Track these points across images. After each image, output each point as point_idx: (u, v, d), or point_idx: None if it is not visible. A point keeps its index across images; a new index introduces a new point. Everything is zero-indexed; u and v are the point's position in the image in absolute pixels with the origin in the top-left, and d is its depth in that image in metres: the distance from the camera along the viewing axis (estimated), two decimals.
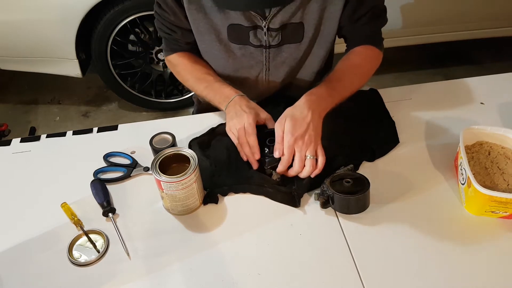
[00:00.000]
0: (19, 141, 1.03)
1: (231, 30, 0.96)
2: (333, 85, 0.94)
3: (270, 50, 0.99)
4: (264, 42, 0.97)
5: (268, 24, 0.94)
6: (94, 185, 0.89)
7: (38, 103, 2.54)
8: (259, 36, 0.96)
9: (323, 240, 0.79)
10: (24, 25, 1.97)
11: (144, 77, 2.28)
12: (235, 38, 0.97)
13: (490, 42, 2.64)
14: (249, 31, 0.95)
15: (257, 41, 0.97)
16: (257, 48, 0.99)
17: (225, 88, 0.97)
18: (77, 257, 0.77)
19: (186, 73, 1.06)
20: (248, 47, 0.99)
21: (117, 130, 1.06)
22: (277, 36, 0.96)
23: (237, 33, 0.96)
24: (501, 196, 0.76)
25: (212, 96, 0.99)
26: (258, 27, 0.95)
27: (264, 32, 0.95)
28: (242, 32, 0.96)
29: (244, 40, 0.97)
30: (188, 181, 0.78)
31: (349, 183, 0.82)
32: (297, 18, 0.94)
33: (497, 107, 1.08)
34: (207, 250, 0.78)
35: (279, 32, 0.96)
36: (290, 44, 0.99)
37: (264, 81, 1.08)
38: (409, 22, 2.23)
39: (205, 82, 1.01)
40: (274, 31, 0.95)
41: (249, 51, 1.00)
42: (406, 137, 1.00)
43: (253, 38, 0.97)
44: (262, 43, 0.98)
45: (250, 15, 0.93)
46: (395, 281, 0.73)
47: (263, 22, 0.93)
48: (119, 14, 1.99)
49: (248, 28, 0.95)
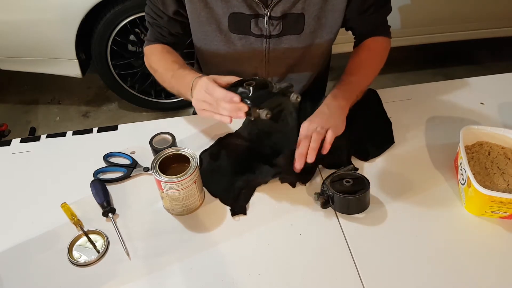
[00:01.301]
0: (19, 141, 1.03)
1: (232, 20, 0.95)
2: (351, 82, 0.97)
3: (270, 41, 0.99)
4: (265, 31, 0.97)
5: (270, 12, 0.94)
6: (94, 185, 0.89)
7: (38, 103, 2.54)
8: (260, 25, 0.96)
9: (323, 240, 0.79)
10: (24, 25, 1.97)
11: (144, 77, 2.27)
12: (236, 28, 0.97)
13: (490, 42, 2.64)
14: (251, 19, 0.95)
15: (258, 30, 0.97)
16: (257, 38, 0.99)
17: (186, 75, 0.89)
18: (77, 257, 0.77)
19: (154, 63, 1.01)
20: (248, 37, 0.99)
21: (117, 130, 1.06)
22: (278, 25, 0.96)
23: (238, 23, 0.96)
24: (501, 196, 0.76)
25: (178, 86, 0.93)
26: (260, 16, 0.95)
27: (266, 20, 0.95)
28: (243, 21, 0.96)
29: (245, 29, 0.97)
30: (188, 181, 0.78)
31: (349, 183, 0.82)
32: (298, 8, 0.94)
33: (497, 107, 1.08)
34: (207, 250, 0.78)
35: (280, 21, 0.96)
36: (290, 36, 0.99)
37: (264, 73, 1.08)
38: (409, 22, 2.23)
39: (171, 71, 0.95)
40: (276, 20, 0.95)
41: (249, 42, 1.00)
42: (406, 137, 1.00)
43: (254, 27, 0.97)
44: (263, 33, 0.98)
45: (252, 3, 0.93)
46: (395, 281, 0.73)
47: (265, 10, 0.93)
48: (119, 14, 1.99)
49: (250, 17, 0.95)
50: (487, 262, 0.75)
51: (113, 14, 1.99)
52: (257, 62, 1.05)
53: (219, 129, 1.03)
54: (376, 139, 0.98)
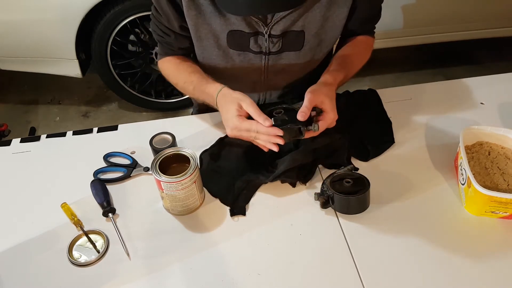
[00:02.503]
0: (19, 141, 1.03)
1: (231, 37, 0.95)
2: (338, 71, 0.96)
3: (269, 57, 0.99)
4: (265, 49, 0.97)
5: (270, 31, 0.93)
6: (94, 185, 0.89)
7: (38, 103, 2.54)
8: (260, 42, 0.96)
9: (323, 240, 0.79)
10: (24, 25, 1.97)
11: (144, 77, 2.28)
12: (235, 44, 0.96)
13: (490, 42, 2.64)
14: (250, 37, 0.95)
15: (258, 47, 0.97)
16: (256, 55, 0.98)
17: (209, 87, 0.93)
18: (77, 257, 0.77)
19: (173, 78, 1.04)
20: (247, 53, 0.98)
21: (117, 130, 1.06)
22: (278, 43, 0.96)
23: (237, 40, 0.95)
24: (501, 197, 0.76)
25: (202, 97, 0.97)
26: (259, 34, 0.94)
27: (265, 38, 0.94)
28: (242, 38, 0.95)
29: (244, 46, 0.97)
30: (188, 181, 0.78)
31: (349, 183, 0.82)
32: (298, 26, 0.93)
33: (497, 107, 1.08)
34: (207, 250, 0.78)
35: (280, 39, 0.95)
36: (289, 52, 0.98)
37: (262, 87, 1.07)
38: (409, 22, 2.23)
39: (191, 84, 0.98)
40: (276, 38, 0.95)
41: (248, 58, 0.99)
42: (406, 137, 1.00)
43: (253, 44, 0.96)
44: (262, 50, 0.97)
45: (251, 21, 0.92)
46: (395, 281, 0.73)
47: (265, 29, 0.92)
48: (119, 14, 1.99)
49: (249, 35, 0.94)
50: (487, 262, 0.75)
51: (113, 14, 1.99)
52: (255, 77, 1.05)
53: (219, 129, 1.03)
54: (376, 139, 0.98)
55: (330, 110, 0.83)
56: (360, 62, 1.03)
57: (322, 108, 0.83)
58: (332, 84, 0.89)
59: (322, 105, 0.83)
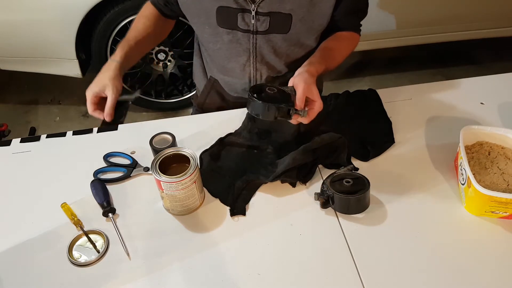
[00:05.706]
0: (19, 141, 1.03)
1: (219, 13, 0.98)
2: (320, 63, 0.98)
3: (257, 37, 1.01)
4: (252, 27, 0.99)
5: (257, 8, 0.96)
6: (94, 185, 0.89)
7: (38, 103, 2.54)
8: (247, 20, 0.98)
9: (323, 240, 0.79)
10: (24, 25, 1.97)
11: (144, 77, 2.28)
12: (223, 21, 0.99)
13: (490, 42, 2.64)
14: (237, 14, 0.97)
15: (245, 25, 0.99)
16: (244, 33, 1.01)
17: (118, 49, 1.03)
18: (77, 257, 0.77)
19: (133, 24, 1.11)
20: (236, 32, 1.01)
21: (117, 130, 1.06)
22: (265, 22, 0.98)
23: (225, 17, 0.98)
24: (501, 196, 0.76)
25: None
26: (246, 11, 0.97)
27: (252, 15, 0.97)
28: (230, 15, 0.98)
29: (232, 24, 0.99)
30: (188, 181, 0.78)
31: (349, 183, 0.82)
32: (286, 9, 0.96)
33: (497, 107, 1.08)
34: (207, 250, 0.78)
35: (267, 18, 0.97)
36: (276, 34, 1.01)
37: (252, 70, 1.09)
38: (409, 22, 2.23)
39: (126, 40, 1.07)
40: (262, 16, 0.97)
41: (236, 37, 1.02)
42: (406, 137, 1.00)
43: (241, 21, 0.98)
44: (250, 28, 0.99)
45: None
46: (395, 281, 0.73)
47: (252, 5, 0.95)
48: (119, 15, 1.99)
49: (237, 10, 0.97)
50: (487, 262, 0.75)
51: (113, 14, 1.99)
52: (245, 59, 1.06)
53: (219, 129, 1.03)
54: (376, 139, 0.98)
55: (318, 98, 0.86)
56: (342, 57, 1.06)
57: (310, 97, 0.86)
58: (315, 76, 0.92)
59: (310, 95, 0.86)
